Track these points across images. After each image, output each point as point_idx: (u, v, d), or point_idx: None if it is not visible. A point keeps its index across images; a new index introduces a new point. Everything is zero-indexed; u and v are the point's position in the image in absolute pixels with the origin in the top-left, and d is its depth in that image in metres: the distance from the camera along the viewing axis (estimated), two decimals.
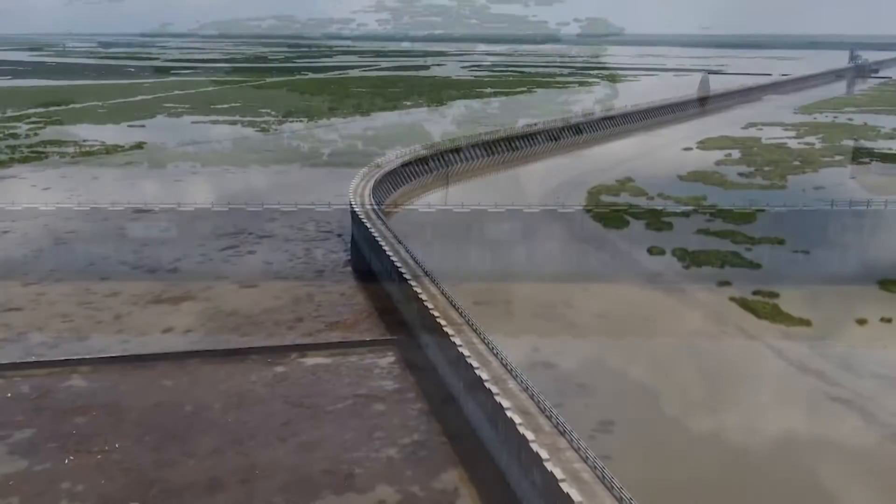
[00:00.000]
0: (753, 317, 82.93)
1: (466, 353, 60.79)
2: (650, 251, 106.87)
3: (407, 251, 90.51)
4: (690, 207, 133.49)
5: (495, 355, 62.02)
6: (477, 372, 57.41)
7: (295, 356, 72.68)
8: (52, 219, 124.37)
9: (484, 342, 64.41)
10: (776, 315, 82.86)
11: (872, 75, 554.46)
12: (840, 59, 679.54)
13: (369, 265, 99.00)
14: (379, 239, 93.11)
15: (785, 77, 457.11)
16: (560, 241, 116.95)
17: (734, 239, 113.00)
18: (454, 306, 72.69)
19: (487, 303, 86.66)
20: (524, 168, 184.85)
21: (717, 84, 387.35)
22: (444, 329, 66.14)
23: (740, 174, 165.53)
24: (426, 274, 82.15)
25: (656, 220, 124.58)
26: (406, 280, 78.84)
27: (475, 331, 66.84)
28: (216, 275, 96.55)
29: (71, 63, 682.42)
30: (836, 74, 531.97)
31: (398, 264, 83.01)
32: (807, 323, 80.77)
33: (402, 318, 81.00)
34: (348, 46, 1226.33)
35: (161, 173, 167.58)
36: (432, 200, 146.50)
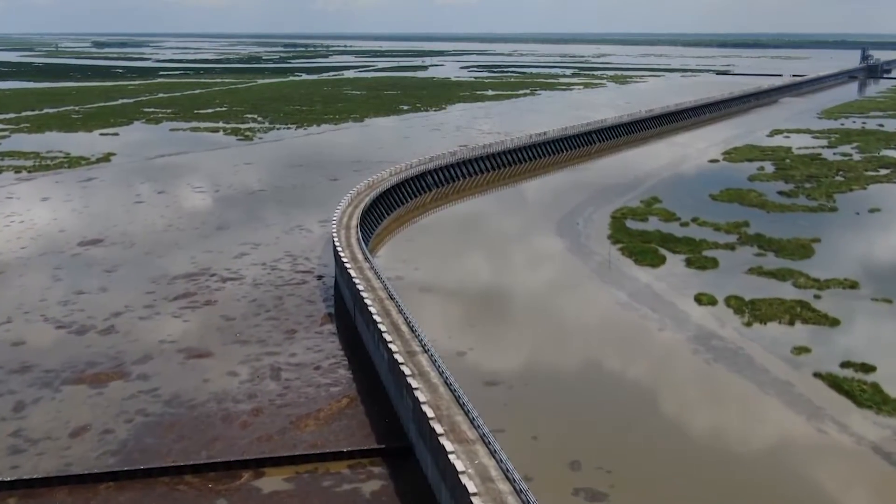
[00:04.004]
0: (852, 404, 63.42)
1: None
2: (698, 300, 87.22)
3: (399, 310, 71.07)
4: (734, 237, 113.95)
5: (523, 500, 42.61)
6: None
7: (247, 477, 53.12)
8: None
9: (507, 476, 45.02)
10: (881, 401, 63.33)
11: (885, 76, 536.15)
12: (845, 58, 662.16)
13: (354, 323, 79.46)
14: (365, 296, 73.45)
15: (798, 78, 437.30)
16: (588, 287, 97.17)
17: (796, 282, 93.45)
18: (462, 406, 53.31)
19: (503, 383, 67.12)
20: (534, 183, 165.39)
21: (730, 85, 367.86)
22: (449, 453, 46.63)
23: (780, 192, 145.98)
24: (424, 349, 62.71)
25: (697, 254, 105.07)
26: (398, 362, 59.30)
27: (492, 453, 47.46)
28: (161, 337, 76.81)
29: (58, 64, 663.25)
30: (850, 75, 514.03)
31: (388, 338, 63.35)
32: None
33: (395, 409, 61.54)
34: (345, 46, 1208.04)
35: (123, 192, 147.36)
36: (432, 225, 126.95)
